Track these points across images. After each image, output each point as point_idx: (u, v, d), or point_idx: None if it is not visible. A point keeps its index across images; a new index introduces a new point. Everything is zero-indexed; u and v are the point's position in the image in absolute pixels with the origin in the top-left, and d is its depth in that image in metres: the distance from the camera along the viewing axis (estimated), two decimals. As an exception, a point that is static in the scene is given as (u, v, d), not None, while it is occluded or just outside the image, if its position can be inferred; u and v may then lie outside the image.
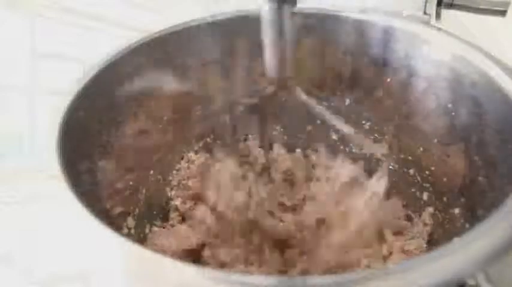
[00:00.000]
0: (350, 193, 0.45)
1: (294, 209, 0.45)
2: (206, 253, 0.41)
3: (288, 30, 0.31)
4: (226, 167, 0.47)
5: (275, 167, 0.48)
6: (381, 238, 0.43)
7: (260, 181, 0.45)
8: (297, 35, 0.33)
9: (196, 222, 0.43)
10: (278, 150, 0.50)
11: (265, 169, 0.47)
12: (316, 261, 0.40)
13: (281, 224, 0.42)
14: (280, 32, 0.31)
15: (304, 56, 0.45)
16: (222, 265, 0.40)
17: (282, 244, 0.41)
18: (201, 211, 0.43)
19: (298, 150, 0.50)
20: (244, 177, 0.45)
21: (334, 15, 0.43)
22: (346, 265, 0.39)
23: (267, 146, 0.43)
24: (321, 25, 0.43)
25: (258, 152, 0.48)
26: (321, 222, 0.43)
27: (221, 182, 0.45)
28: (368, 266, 0.40)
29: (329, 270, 0.39)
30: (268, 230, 0.41)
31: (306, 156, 0.50)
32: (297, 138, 0.50)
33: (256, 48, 0.44)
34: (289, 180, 0.47)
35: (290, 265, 0.40)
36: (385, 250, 0.41)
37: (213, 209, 0.42)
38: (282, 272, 0.39)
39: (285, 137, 0.50)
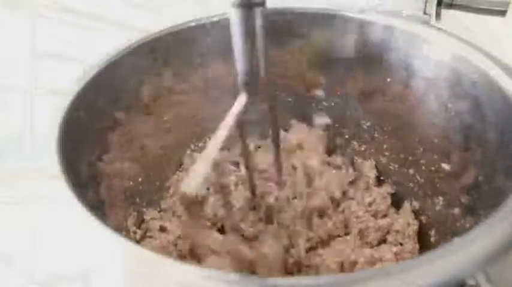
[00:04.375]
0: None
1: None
2: None
3: (258, 32, 0.30)
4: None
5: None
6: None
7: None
8: (270, 36, 0.31)
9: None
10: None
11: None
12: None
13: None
14: (249, 35, 0.30)
15: (303, 56, 0.45)
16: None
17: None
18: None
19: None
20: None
21: (334, 15, 0.43)
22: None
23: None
24: (321, 25, 0.43)
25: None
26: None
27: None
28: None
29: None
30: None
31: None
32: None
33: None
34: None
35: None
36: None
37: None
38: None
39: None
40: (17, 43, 0.64)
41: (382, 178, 0.47)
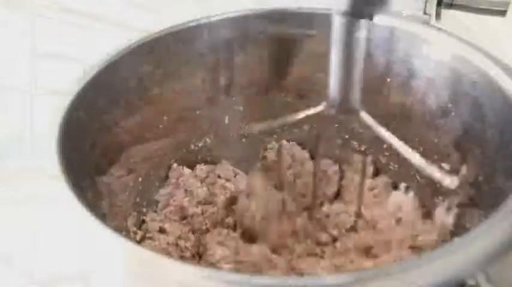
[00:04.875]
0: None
1: None
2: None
3: (360, 48, 0.28)
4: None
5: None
6: None
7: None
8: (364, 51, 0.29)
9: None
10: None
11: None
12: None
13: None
14: (350, 49, 0.28)
15: (303, 56, 0.45)
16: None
17: None
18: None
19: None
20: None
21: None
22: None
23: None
24: (320, 25, 0.43)
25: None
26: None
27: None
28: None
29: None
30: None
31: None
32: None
33: (255, 48, 0.45)
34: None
35: None
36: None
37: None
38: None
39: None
40: (17, 43, 0.64)
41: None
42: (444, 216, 0.40)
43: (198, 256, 0.41)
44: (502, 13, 0.41)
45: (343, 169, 0.48)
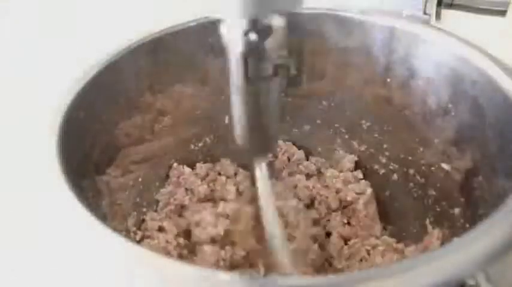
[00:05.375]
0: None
1: None
2: None
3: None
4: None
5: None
6: None
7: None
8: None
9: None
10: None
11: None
12: None
13: None
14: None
15: (303, 56, 0.45)
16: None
17: None
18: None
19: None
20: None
21: (334, 15, 0.43)
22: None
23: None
24: (320, 25, 0.43)
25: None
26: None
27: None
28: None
29: None
30: None
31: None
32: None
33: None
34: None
35: None
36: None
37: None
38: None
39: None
40: (16, 43, 0.65)
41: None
42: None
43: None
44: (502, 13, 0.41)
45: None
